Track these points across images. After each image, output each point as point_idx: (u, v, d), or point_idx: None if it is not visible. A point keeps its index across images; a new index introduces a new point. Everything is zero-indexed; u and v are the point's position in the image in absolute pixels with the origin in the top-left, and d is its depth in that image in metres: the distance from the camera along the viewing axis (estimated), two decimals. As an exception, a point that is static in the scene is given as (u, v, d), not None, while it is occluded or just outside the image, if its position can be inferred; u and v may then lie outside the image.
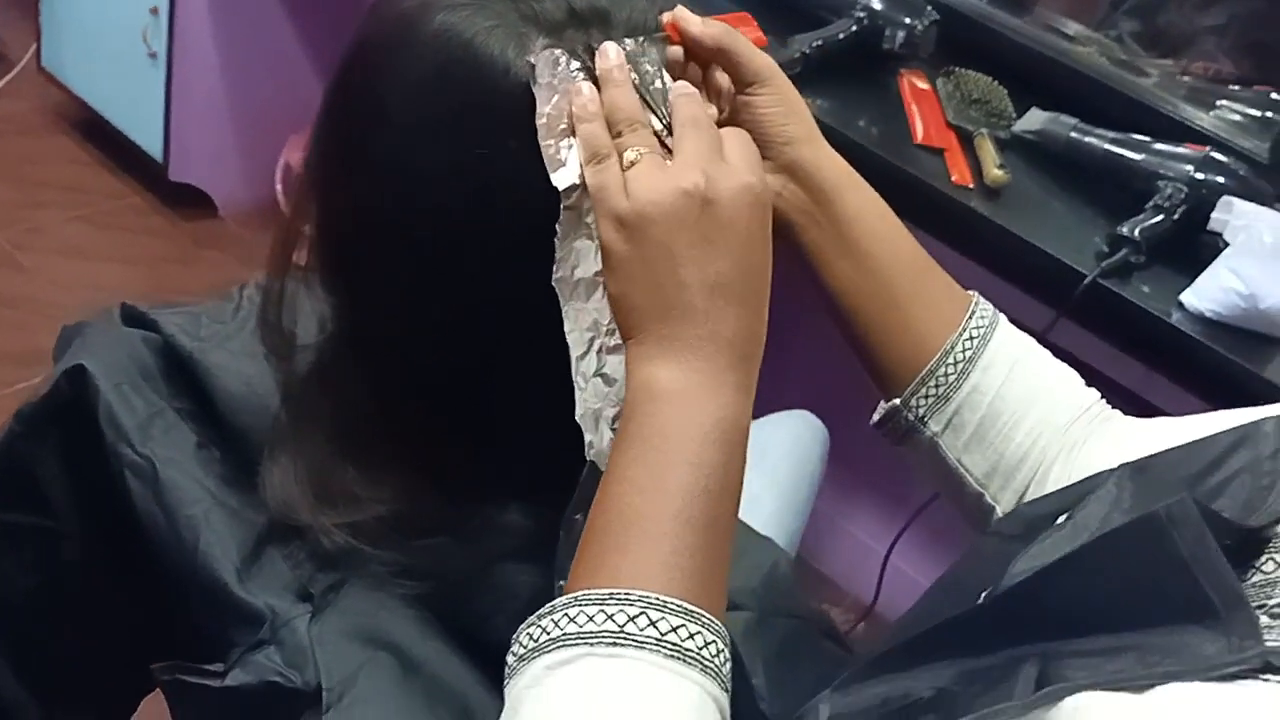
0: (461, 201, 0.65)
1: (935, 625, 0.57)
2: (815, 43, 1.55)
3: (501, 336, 0.69)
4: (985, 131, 1.52)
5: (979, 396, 0.77)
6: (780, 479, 1.31)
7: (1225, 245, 1.32)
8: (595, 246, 0.63)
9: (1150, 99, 1.57)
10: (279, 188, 2.56)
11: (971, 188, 1.44)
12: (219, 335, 0.82)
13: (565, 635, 0.55)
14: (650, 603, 0.54)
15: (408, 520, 0.72)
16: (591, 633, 0.54)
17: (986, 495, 0.78)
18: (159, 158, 2.46)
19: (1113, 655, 0.49)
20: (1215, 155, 1.40)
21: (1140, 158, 1.43)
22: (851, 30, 1.59)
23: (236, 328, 0.82)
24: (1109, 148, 1.46)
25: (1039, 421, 0.77)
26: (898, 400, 0.78)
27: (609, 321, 0.63)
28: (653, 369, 0.60)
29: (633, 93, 0.64)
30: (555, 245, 0.63)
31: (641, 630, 0.54)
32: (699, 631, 0.55)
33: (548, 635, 0.55)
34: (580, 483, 0.63)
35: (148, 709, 0.90)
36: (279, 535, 0.73)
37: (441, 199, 0.65)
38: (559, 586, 0.60)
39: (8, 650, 0.85)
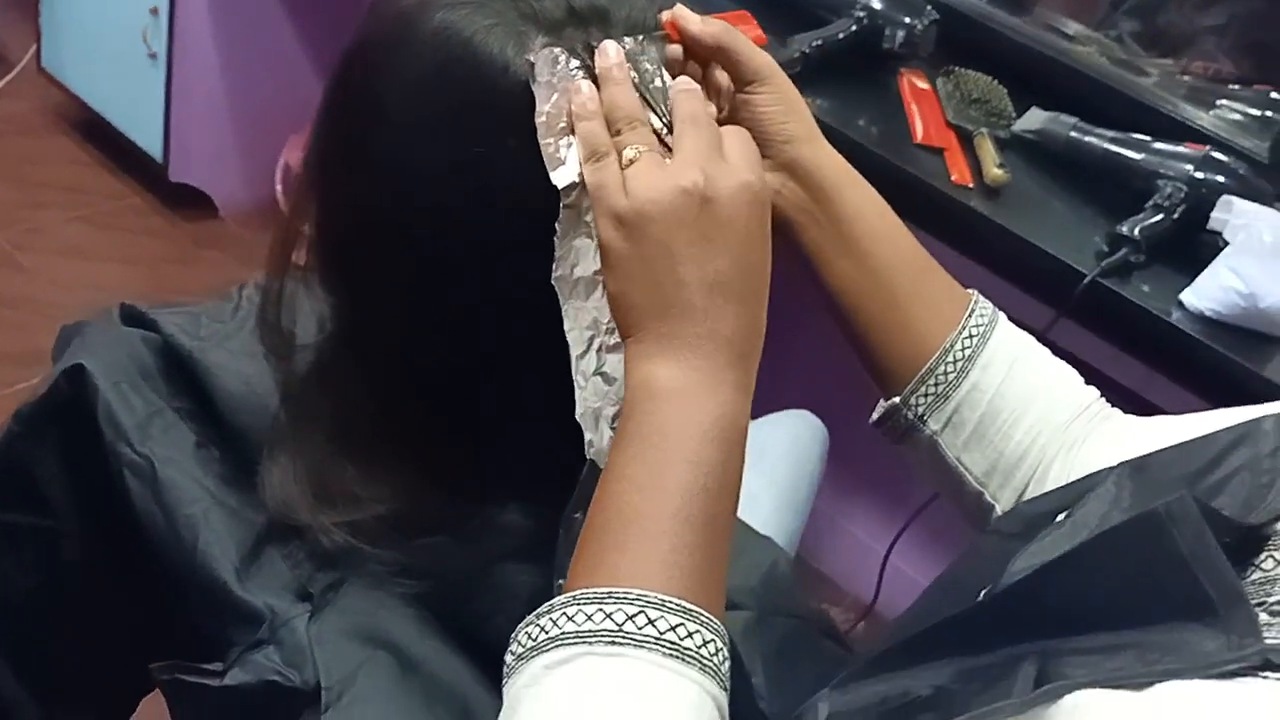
0: (461, 200, 0.65)
1: (934, 624, 0.57)
2: (815, 42, 1.55)
3: (501, 335, 0.68)
4: (985, 131, 1.52)
5: (978, 395, 0.77)
6: (780, 478, 1.31)
7: (1225, 244, 1.32)
8: (595, 245, 0.62)
9: (1150, 98, 1.57)
10: (279, 188, 2.56)
11: (971, 187, 1.44)
12: (218, 335, 0.82)
13: (564, 634, 0.54)
14: (649, 601, 0.54)
15: (407, 519, 0.72)
16: (590, 632, 0.54)
17: (986, 494, 0.78)
18: (159, 158, 2.46)
19: (1112, 653, 0.49)
20: (1215, 154, 1.40)
21: (1140, 157, 1.43)
22: (851, 30, 1.59)
23: (236, 327, 0.82)
24: (1109, 147, 1.46)
25: (1038, 420, 0.77)
26: (897, 399, 0.78)
27: (608, 320, 0.63)
28: (651, 367, 0.60)
29: (632, 91, 0.64)
30: (555, 244, 0.63)
31: (640, 629, 0.54)
32: (698, 630, 0.55)
33: (546, 634, 0.55)
34: (580, 481, 0.62)
35: (147, 709, 0.90)
36: (278, 534, 0.73)
37: (441, 197, 0.65)
38: (558, 585, 0.59)
39: (7, 650, 0.85)
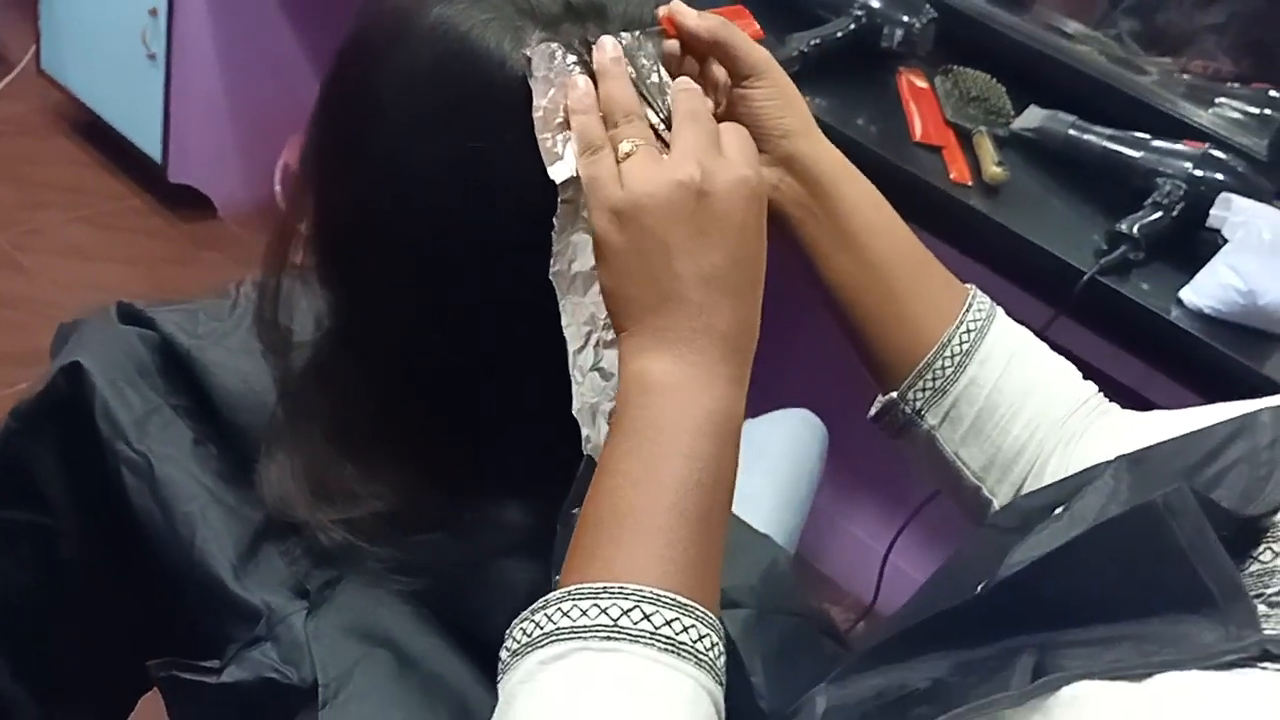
0: (458, 195, 0.65)
1: (931, 616, 0.57)
2: (813, 41, 1.55)
3: (498, 331, 0.68)
4: (984, 129, 1.52)
5: (976, 389, 0.77)
6: (779, 477, 1.31)
7: (1224, 242, 1.32)
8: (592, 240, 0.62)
9: (1149, 96, 1.57)
10: (278, 188, 2.56)
11: (970, 185, 1.44)
12: (216, 332, 0.82)
13: (559, 630, 0.54)
14: (644, 596, 0.54)
15: (405, 516, 0.72)
16: (585, 627, 0.54)
17: (984, 488, 0.78)
18: (158, 159, 2.46)
19: (1110, 645, 0.48)
20: (1214, 152, 1.40)
21: (1139, 155, 1.43)
22: (849, 29, 1.59)
23: (234, 325, 0.82)
24: (1107, 145, 1.46)
25: (1036, 414, 0.77)
26: (894, 393, 0.78)
27: (606, 315, 0.63)
28: (646, 361, 0.59)
29: (629, 85, 0.63)
30: (552, 239, 0.63)
31: (635, 624, 0.53)
32: (693, 625, 0.54)
33: (541, 630, 0.55)
34: (577, 477, 0.62)
35: (145, 708, 0.90)
36: (276, 532, 0.73)
37: (438, 193, 0.65)
38: (556, 582, 0.59)
39: (6, 648, 0.85)
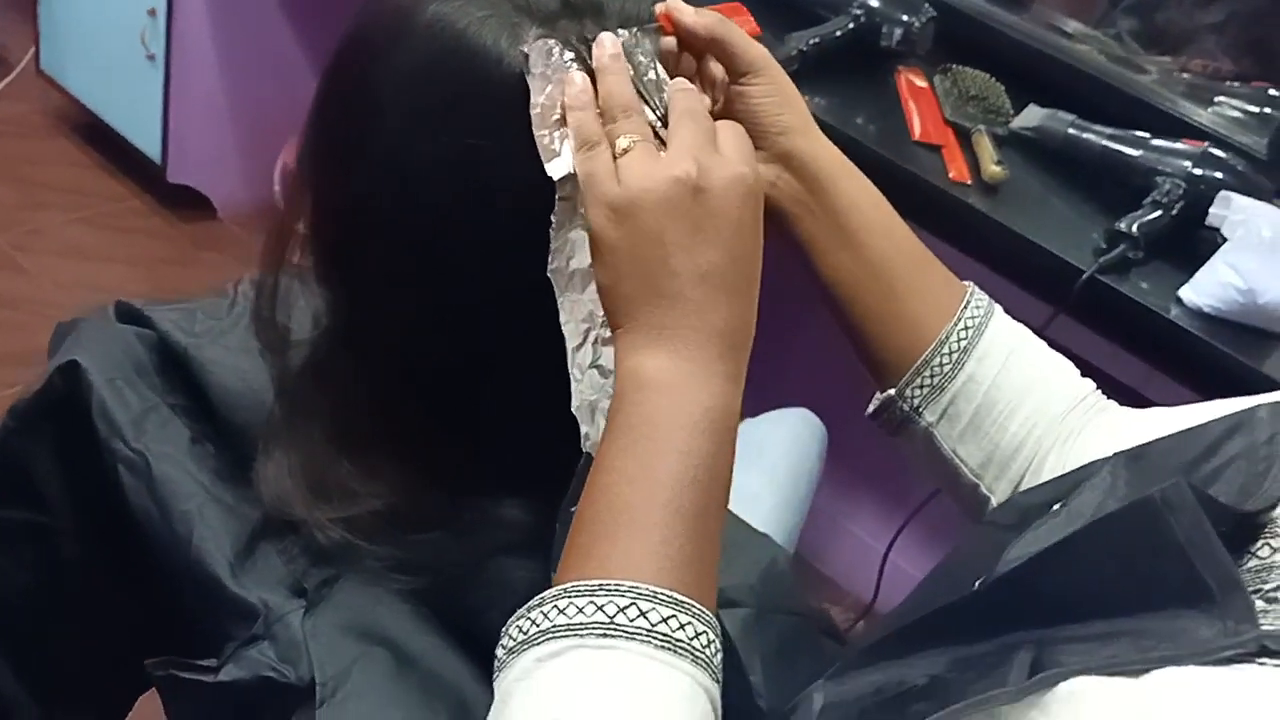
0: (456, 193, 0.65)
1: (929, 613, 0.57)
2: (812, 40, 1.55)
3: (497, 328, 0.68)
4: (983, 128, 1.52)
5: (974, 386, 0.77)
6: (778, 476, 1.31)
7: (1223, 240, 1.32)
8: None
9: (1148, 95, 1.57)
10: (277, 189, 2.56)
11: (969, 184, 1.44)
12: (214, 331, 0.82)
13: (555, 627, 0.54)
14: (640, 593, 0.54)
15: (403, 515, 0.72)
16: (581, 624, 0.54)
17: (981, 486, 0.78)
18: (158, 160, 2.46)
19: (1108, 640, 0.48)
20: (1213, 151, 1.40)
21: (1138, 154, 1.43)
22: (849, 28, 1.59)
23: (231, 323, 0.82)
24: (1107, 144, 1.46)
25: (1034, 411, 0.77)
26: (892, 390, 0.78)
27: (605, 313, 0.63)
28: (641, 358, 0.59)
29: (629, 81, 0.63)
30: (550, 236, 0.62)
31: (632, 621, 0.53)
32: (689, 622, 0.54)
33: (537, 627, 0.55)
34: (576, 475, 0.62)
35: (143, 708, 0.90)
36: (273, 530, 0.73)
37: (435, 190, 0.65)
38: (553, 579, 0.59)
39: (5, 648, 0.85)
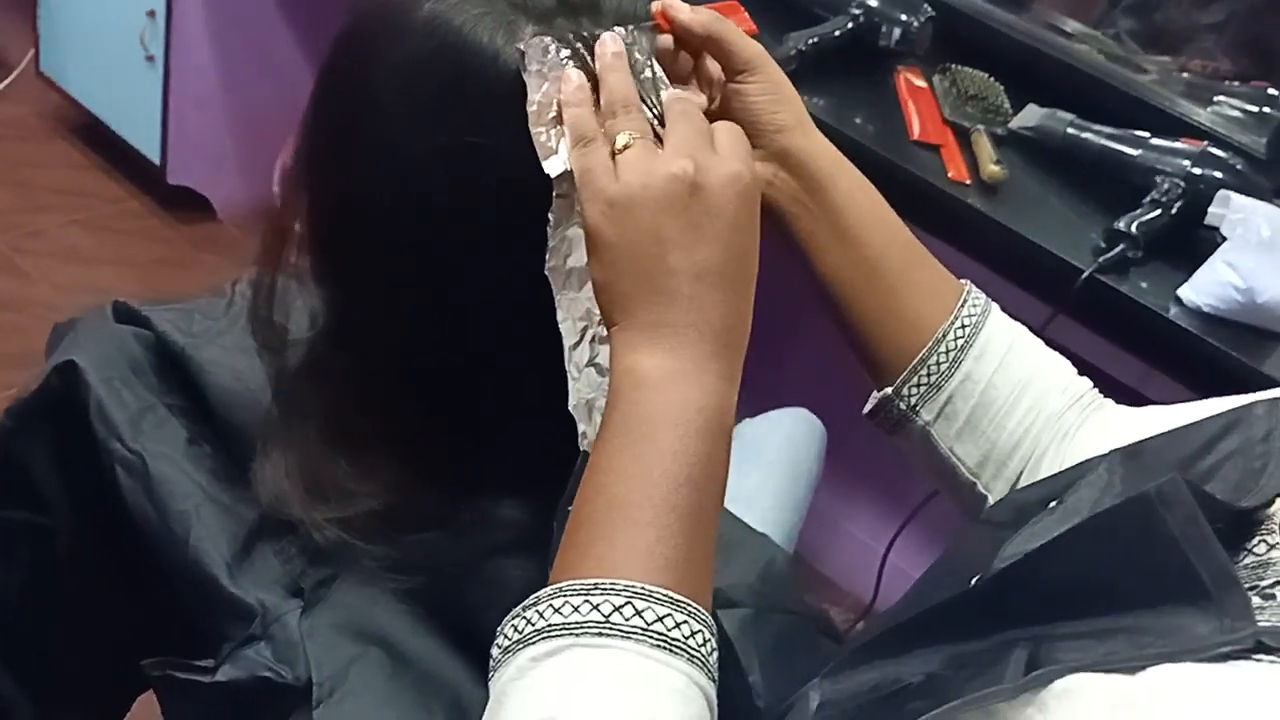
0: (452, 190, 0.65)
1: (925, 610, 0.57)
2: (811, 40, 1.55)
3: (494, 327, 0.68)
4: (982, 128, 1.52)
5: (971, 385, 0.77)
6: (777, 476, 1.31)
7: (1222, 240, 1.32)
8: None
9: (1147, 95, 1.57)
10: (277, 190, 2.55)
11: (968, 184, 1.44)
12: (211, 331, 0.81)
13: (550, 626, 0.54)
14: (636, 592, 0.54)
15: (400, 514, 0.71)
16: (577, 623, 0.53)
17: (979, 484, 0.78)
18: (157, 161, 2.46)
19: (1104, 637, 0.48)
20: (1212, 150, 1.40)
21: (1137, 153, 1.43)
22: (847, 28, 1.59)
23: (229, 323, 0.82)
24: (1106, 143, 1.46)
25: (1031, 410, 0.77)
26: (890, 389, 0.78)
27: (601, 310, 0.63)
28: (637, 357, 0.59)
29: (629, 78, 0.63)
30: (548, 234, 0.62)
31: (627, 620, 0.53)
32: (685, 621, 0.54)
33: (533, 627, 0.54)
34: (573, 474, 0.62)
35: (141, 708, 0.89)
36: (270, 530, 0.73)
37: (432, 188, 0.65)
38: (550, 579, 0.59)
39: (3, 648, 0.85)
